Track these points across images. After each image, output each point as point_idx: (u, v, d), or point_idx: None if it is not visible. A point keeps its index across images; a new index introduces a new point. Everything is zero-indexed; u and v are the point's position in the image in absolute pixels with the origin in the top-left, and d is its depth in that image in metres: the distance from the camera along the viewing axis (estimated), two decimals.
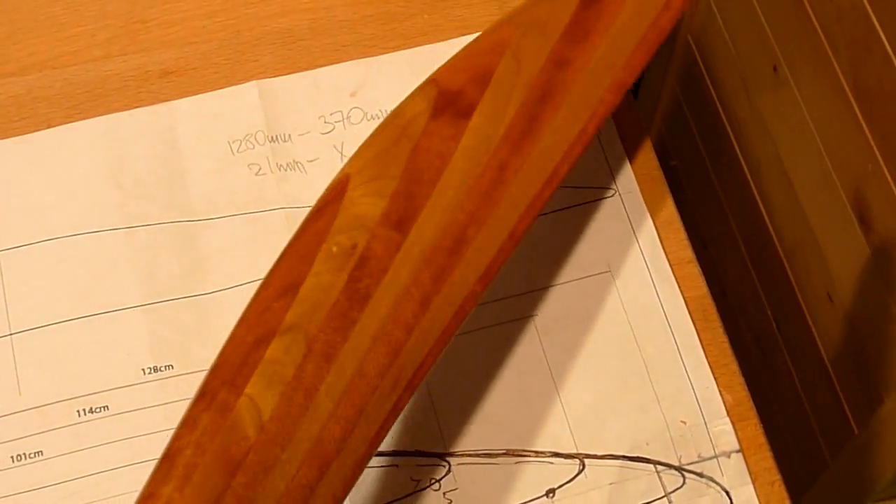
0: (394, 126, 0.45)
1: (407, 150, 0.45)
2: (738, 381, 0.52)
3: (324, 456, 0.39)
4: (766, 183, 1.03)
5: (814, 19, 0.86)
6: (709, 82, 1.08)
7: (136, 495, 0.45)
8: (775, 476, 0.50)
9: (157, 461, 0.38)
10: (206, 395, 0.39)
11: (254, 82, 0.56)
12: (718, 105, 1.08)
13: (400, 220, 0.43)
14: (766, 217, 1.04)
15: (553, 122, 0.46)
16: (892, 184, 0.79)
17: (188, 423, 0.39)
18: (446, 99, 0.46)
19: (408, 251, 0.43)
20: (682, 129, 1.17)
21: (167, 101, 0.56)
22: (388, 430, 0.41)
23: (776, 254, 1.03)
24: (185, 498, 0.37)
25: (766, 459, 0.51)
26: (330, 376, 0.40)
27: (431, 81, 0.46)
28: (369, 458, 0.40)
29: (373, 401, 0.41)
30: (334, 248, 0.42)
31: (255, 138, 0.55)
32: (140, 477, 0.47)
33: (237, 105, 0.56)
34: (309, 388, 0.40)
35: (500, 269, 0.44)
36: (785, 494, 0.50)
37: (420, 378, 0.42)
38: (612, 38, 0.48)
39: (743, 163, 1.06)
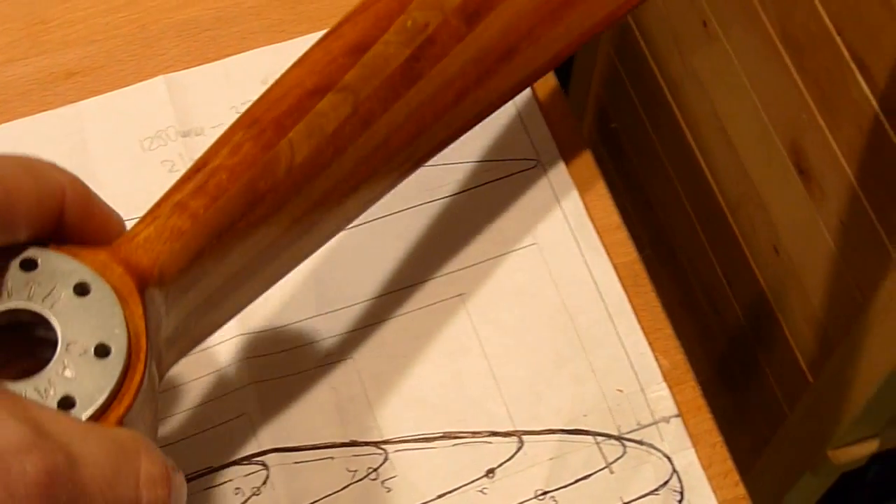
0: None
1: None
2: (674, 344, 0.51)
3: (323, 205, 0.43)
4: (705, 140, 1.02)
5: None
6: (642, 42, 1.08)
7: None
8: (717, 437, 0.50)
9: (189, 170, 0.40)
10: (255, 126, 0.41)
11: (161, 77, 0.55)
12: (653, 65, 1.07)
13: (473, 13, 0.45)
14: (708, 174, 1.04)
15: None
16: (826, 131, 0.79)
17: (232, 145, 0.41)
18: None
19: (467, 45, 0.45)
20: (619, 91, 1.16)
21: (74, 102, 0.55)
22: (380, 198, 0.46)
23: (721, 210, 1.03)
24: (206, 217, 0.39)
25: (707, 421, 0.50)
26: (360, 140, 0.43)
27: None
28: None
29: (383, 169, 0.45)
30: (409, 23, 0.44)
31: (167, 134, 0.54)
32: None
33: (146, 102, 0.55)
34: (339, 148, 0.42)
35: (526, 86, 0.49)
36: (727, 455, 0.50)
37: (425, 160, 0.47)
38: None
39: (681, 121, 1.06)
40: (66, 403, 0.33)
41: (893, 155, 0.70)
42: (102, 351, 0.34)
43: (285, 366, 0.50)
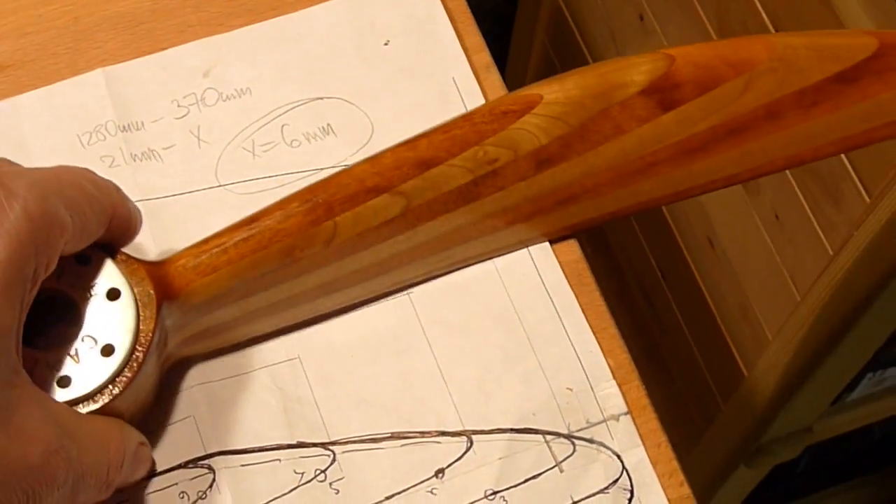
0: (606, 80, 0.48)
1: (599, 108, 0.48)
2: (619, 344, 0.51)
3: (351, 280, 0.48)
4: None
5: None
6: (578, 35, 1.08)
7: None
8: (661, 437, 0.50)
9: (242, 220, 0.45)
10: (310, 202, 0.45)
11: (99, 70, 0.53)
12: (589, 58, 1.07)
13: (545, 160, 0.48)
14: None
15: (719, 157, 0.49)
16: None
17: (284, 212, 0.45)
18: (664, 84, 0.48)
19: (530, 184, 0.48)
20: None
21: (7, 97, 0.53)
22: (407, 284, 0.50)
23: None
24: (242, 264, 0.44)
25: (651, 421, 0.50)
26: (401, 237, 0.47)
27: (667, 57, 0.48)
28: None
29: (416, 263, 0.49)
30: (481, 154, 0.47)
31: (106, 129, 0.53)
32: None
33: (83, 96, 0.53)
34: (374, 240, 0.47)
35: (573, 231, 0.52)
36: (672, 455, 0.50)
37: (460, 266, 0.51)
38: (834, 120, 0.49)
39: None
40: (64, 383, 0.41)
41: None
42: (108, 351, 0.42)
43: (231, 367, 0.49)
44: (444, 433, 0.49)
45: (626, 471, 0.48)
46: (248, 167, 0.53)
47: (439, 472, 0.48)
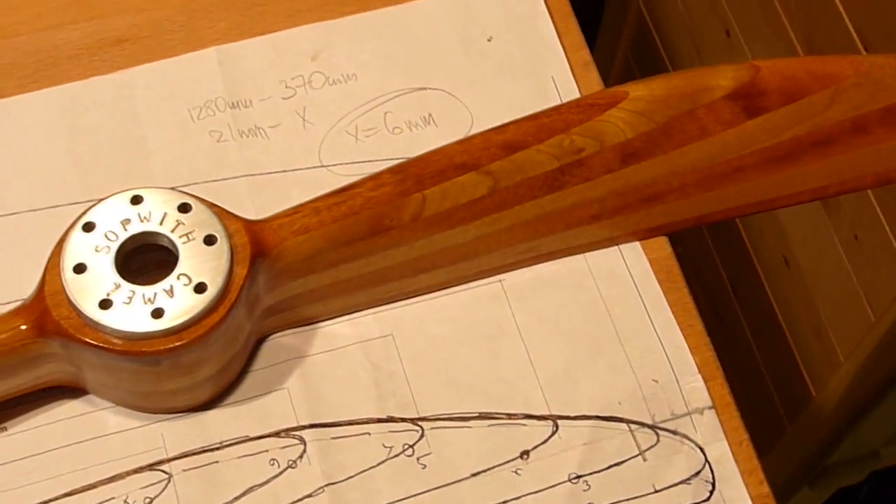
0: (692, 82, 0.50)
1: (684, 108, 0.49)
2: (704, 341, 0.52)
3: (437, 260, 0.49)
4: None
5: None
6: (662, 49, 1.08)
7: (105, 467, 0.45)
8: (743, 435, 0.50)
9: (336, 189, 0.47)
10: (401, 174, 0.47)
11: (213, 48, 0.55)
12: (671, 71, 1.08)
13: (631, 155, 0.49)
14: None
15: (806, 167, 0.50)
16: None
17: (376, 182, 0.47)
18: (750, 91, 0.49)
19: (616, 177, 0.49)
20: None
21: (121, 69, 0.55)
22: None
23: (731, 219, 1.03)
24: (332, 227, 0.46)
25: (734, 419, 0.51)
26: (487, 219, 0.48)
27: (753, 66, 0.49)
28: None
29: (502, 251, 0.50)
30: (567, 142, 0.48)
31: (216, 105, 0.54)
32: (106, 450, 0.47)
33: (196, 72, 0.55)
34: (466, 218, 0.48)
35: (663, 233, 0.52)
36: (753, 453, 0.50)
37: (546, 259, 0.51)
38: None
39: None
40: (158, 314, 0.44)
41: None
42: (201, 288, 0.44)
43: (326, 342, 0.50)
44: (530, 416, 0.50)
45: (709, 463, 0.49)
46: (349, 150, 0.54)
47: (524, 454, 0.49)
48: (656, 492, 0.48)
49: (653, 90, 0.49)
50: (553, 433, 0.49)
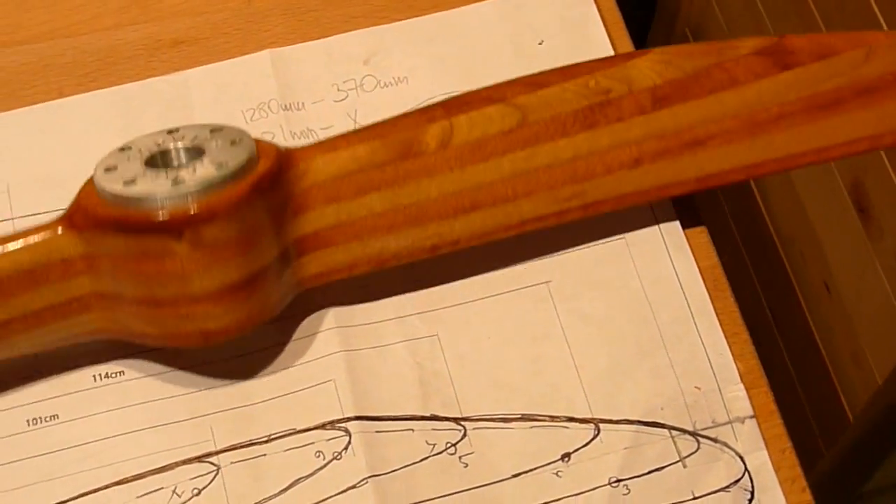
0: (714, 45, 0.51)
1: (711, 61, 0.50)
2: (749, 349, 0.52)
3: (454, 205, 0.49)
4: None
5: (814, 9, 0.87)
6: None
7: (154, 458, 0.46)
8: (786, 443, 0.50)
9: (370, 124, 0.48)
10: (427, 105, 0.49)
11: (266, 51, 0.56)
12: None
13: (661, 98, 0.49)
14: (762, 207, 1.05)
15: (854, 115, 0.50)
16: (891, 172, 0.80)
17: (404, 112, 0.49)
18: (777, 49, 0.50)
19: (649, 120, 0.49)
20: None
21: (179, 70, 0.56)
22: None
23: (773, 243, 1.03)
24: (359, 149, 0.47)
25: (777, 427, 0.51)
26: (521, 153, 0.48)
27: (781, 38, 0.50)
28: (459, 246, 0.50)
29: (544, 194, 0.49)
30: (592, 83, 0.49)
31: (269, 107, 0.55)
32: (156, 440, 0.48)
33: (250, 74, 0.56)
34: (494, 151, 0.48)
35: (713, 185, 0.51)
36: (796, 461, 0.50)
37: (594, 209, 0.50)
38: None
39: None
40: (178, 181, 0.44)
41: None
42: (223, 167, 0.44)
43: (373, 337, 0.51)
44: (572, 419, 0.50)
45: (749, 472, 0.49)
46: None
47: (566, 456, 0.49)
48: (695, 498, 0.49)
49: (676, 48, 0.50)
50: (595, 436, 0.50)
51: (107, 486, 0.48)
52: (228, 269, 0.45)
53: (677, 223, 0.54)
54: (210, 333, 0.46)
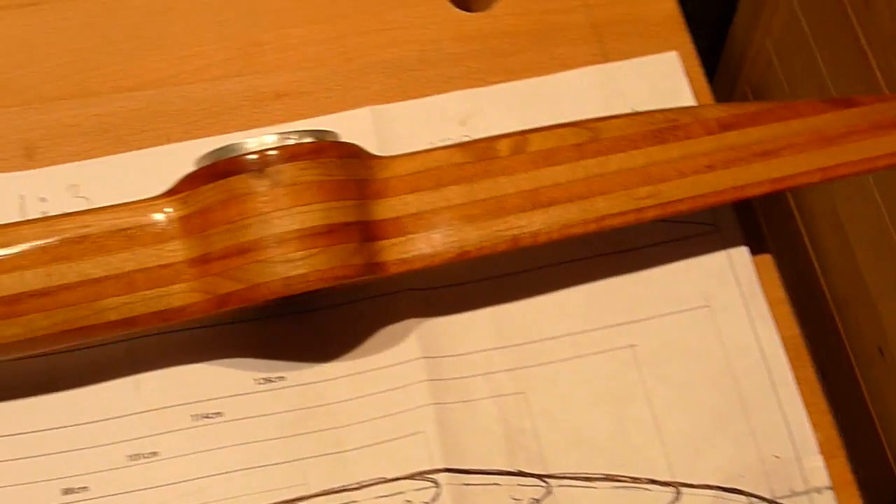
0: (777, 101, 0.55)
1: (774, 105, 0.54)
2: (828, 419, 0.53)
3: (531, 200, 0.51)
4: (820, 235, 1.04)
5: (877, 71, 0.88)
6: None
7: (249, 499, 0.48)
8: None
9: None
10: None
11: (368, 108, 0.58)
12: None
13: (727, 125, 0.53)
14: (817, 268, 1.06)
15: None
16: None
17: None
18: (843, 99, 0.55)
19: (718, 139, 0.52)
20: None
21: (280, 122, 0.58)
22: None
23: (826, 305, 1.04)
24: (439, 150, 0.51)
25: (854, 497, 0.52)
26: (589, 161, 0.51)
27: (845, 97, 0.55)
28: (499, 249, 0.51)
29: (600, 198, 0.51)
30: (659, 115, 0.53)
31: None
32: (251, 482, 0.49)
33: (351, 128, 0.57)
34: (567, 158, 0.51)
35: (757, 193, 0.53)
36: None
37: (666, 210, 0.52)
38: None
39: (797, 214, 1.07)
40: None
41: None
42: (316, 134, 0.49)
43: (463, 392, 0.52)
44: (654, 481, 0.51)
45: None
46: None
47: None
48: None
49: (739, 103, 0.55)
50: (675, 499, 0.51)
51: None
52: (309, 214, 0.47)
53: (759, 290, 0.55)
54: (292, 281, 0.47)
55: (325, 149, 0.48)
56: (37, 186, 0.56)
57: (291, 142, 0.48)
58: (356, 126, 0.58)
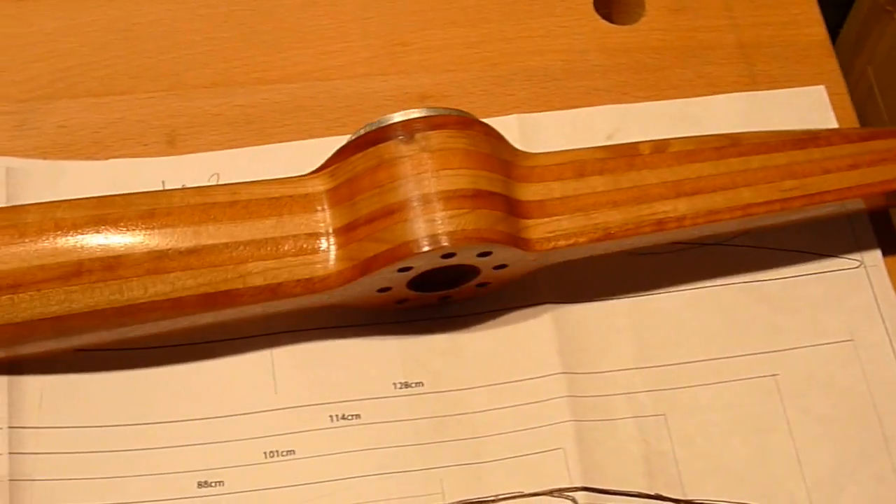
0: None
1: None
2: None
3: (675, 189, 0.51)
4: None
5: None
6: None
7: None
8: None
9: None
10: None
11: (514, 115, 0.58)
12: None
13: (867, 136, 0.54)
14: None
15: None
16: None
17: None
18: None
19: (860, 146, 0.53)
20: None
21: None
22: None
23: None
24: (585, 150, 0.51)
25: None
26: (731, 160, 0.51)
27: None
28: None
29: (744, 189, 0.51)
30: (798, 131, 0.54)
31: None
32: (388, 487, 0.49)
33: None
34: (709, 157, 0.51)
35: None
36: None
37: (777, 208, 0.52)
38: None
39: None
40: None
41: None
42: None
43: (603, 410, 0.52)
44: None
45: None
46: None
47: None
48: None
49: None
50: None
51: None
52: (456, 177, 0.47)
53: None
54: (437, 238, 0.47)
55: (472, 123, 0.49)
56: (179, 173, 0.56)
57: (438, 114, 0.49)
58: (502, 132, 0.57)
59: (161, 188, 0.55)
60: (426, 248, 0.47)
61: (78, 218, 0.47)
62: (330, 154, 0.50)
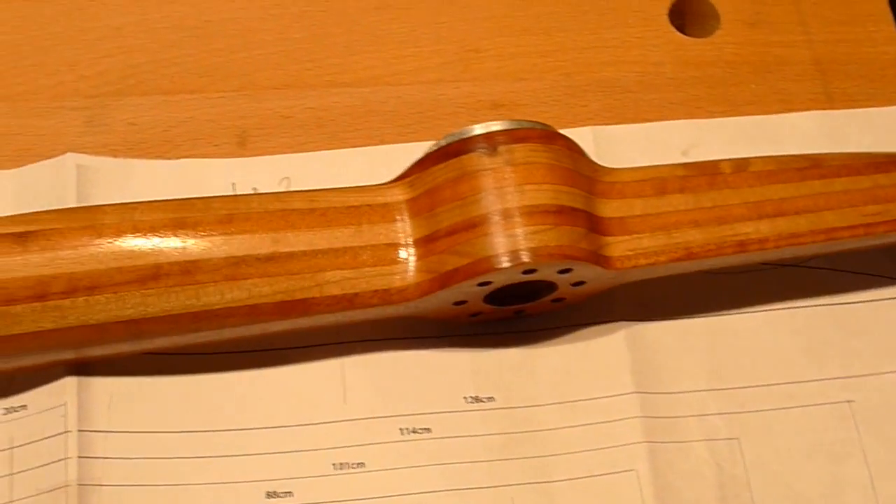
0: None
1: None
2: None
3: (756, 211, 0.50)
4: None
5: None
6: None
7: None
8: None
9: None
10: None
11: (589, 127, 0.57)
12: None
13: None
14: None
15: None
16: None
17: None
18: None
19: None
20: None
21: None
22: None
23: None
24: (666, 167, 0.51)
25: None
26: (812, 182, 0.51)
27: None
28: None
29: (823, 215, 0.51)
30: (880, 158, 0.53)
31: None
32: (456, 503, 0.48)
33: None
34: (790, 178, 0.51)
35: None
36: None
37: (862, 233, 0.51)
38: None
39: None
40: None
41: None
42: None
43: (675, 432, 0.51)
44: None
45: None
46: None
47: None
48: None
49: None
50: None
51: None
52: (539, 192, 0.47)
53: None
54: (519, 254, 0.46)
55: (555, 137, 0.48)
56: (249, 175, 0.55)
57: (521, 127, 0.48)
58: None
59: (231, 190, 0.55)
60: (507, 264, 0.46)
61: (156, 220, 0.46)
62: (404, 161, 0.49)
